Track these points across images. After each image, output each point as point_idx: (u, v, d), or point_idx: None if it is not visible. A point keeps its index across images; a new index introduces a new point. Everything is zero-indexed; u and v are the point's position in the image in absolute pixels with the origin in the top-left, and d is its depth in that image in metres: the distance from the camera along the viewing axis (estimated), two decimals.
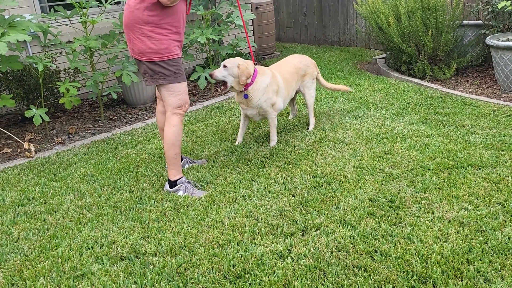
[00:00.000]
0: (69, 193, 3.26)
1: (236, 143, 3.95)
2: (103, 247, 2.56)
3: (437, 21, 5.33)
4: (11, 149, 4.25)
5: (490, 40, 4.93)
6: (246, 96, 3.59)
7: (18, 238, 2.72)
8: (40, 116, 4.18)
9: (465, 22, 5.75)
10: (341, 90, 4.46)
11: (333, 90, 4.76)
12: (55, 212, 3.00)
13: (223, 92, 5.75)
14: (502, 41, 4.86)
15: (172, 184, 3.14)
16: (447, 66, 5.61)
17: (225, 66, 3.48)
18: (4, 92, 4.66)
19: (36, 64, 4.20)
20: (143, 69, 3.00)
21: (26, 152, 4.04)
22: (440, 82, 5.46)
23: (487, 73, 5.67)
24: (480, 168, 3.16)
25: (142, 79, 3.23)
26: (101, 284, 2.25)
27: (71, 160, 3.87)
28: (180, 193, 3.11)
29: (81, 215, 2.93)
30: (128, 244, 2.56)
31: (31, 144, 4.14)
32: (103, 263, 2.42)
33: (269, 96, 3.65)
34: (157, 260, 2.40)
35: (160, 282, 2.24)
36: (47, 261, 2.46)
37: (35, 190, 3.32)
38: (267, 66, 3.91)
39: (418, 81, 5.45)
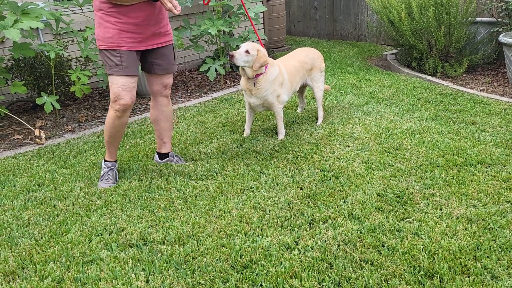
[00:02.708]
0: (79, 180, 3.29)
1: (244, 135, 3.95)
2: (112, 234, 2.59)
3: (450, 17, 5.28)
4: (22, 136, 4.29)
5: (503, 38, 4.88)
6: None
7: (29, 223, 2.76)
8: (51, 103, 4.21)
9: (478, 19, 5.69)
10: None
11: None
12: (65, 198, 3.04)
13: (232, 84, 5.75)
14: None
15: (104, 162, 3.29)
16: (459, 63, 5.56)
17: (247, 52, 3.43)
18: (16, 79, 4.70)
19: (48, 52, 4.23)
20: None
21: (37, 139, 4.08)
22: (451, 79, 5.42)
23: (498, 71, 5.62)
24: (489, 166, 3.15)
25: None
26: (110, 270, 2.28)
27: (81, 148, 3.90)
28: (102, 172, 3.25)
29: (90, 202, 2.96)
30: (137, 231, 2.59)
31: (42, 131, 4.18)
32: (112, 250, 2.45)
33: (275, 88, 3.65)
34: (165, 248, 2.43)
35: (168, 270, 2.26)
36: (57, 246, 2.49)
37: (45, 177, 3.36)
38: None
39: (429, 77, 5.41)
